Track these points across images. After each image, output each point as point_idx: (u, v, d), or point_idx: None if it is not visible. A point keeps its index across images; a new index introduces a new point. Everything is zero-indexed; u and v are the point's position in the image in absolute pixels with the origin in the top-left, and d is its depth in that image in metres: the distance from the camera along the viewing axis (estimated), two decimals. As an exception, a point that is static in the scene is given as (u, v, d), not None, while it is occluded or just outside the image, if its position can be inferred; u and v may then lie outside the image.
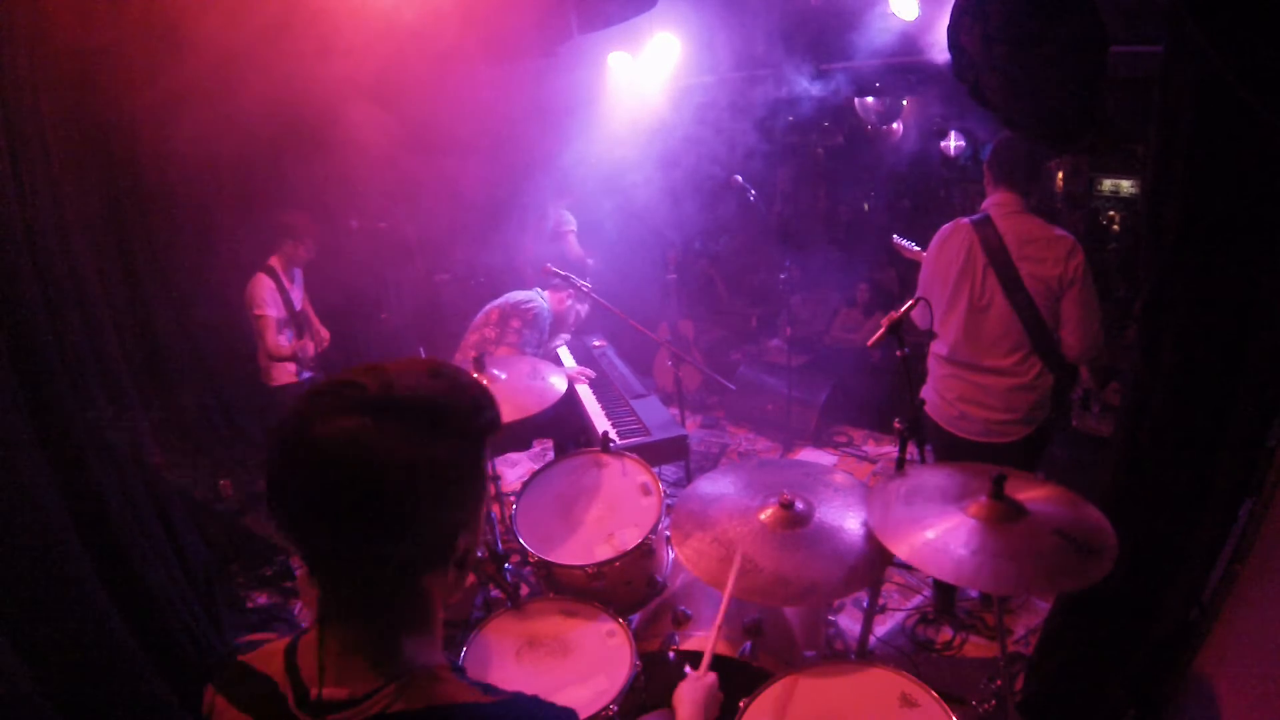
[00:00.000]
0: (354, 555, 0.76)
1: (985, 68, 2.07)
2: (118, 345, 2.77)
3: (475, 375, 2.46)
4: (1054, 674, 2.26)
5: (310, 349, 3.72)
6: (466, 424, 0.79)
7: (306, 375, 3.82)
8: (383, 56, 3.08)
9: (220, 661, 0.92)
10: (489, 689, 0.83)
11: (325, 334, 3.95)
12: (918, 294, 2.67)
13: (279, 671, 0.85)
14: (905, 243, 3.14)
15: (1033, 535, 1.52)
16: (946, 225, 2.68)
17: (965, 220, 2.60)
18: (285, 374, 3.71)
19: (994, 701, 2.18)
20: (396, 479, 0.72)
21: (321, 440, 0.72)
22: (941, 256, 2.66)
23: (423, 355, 4.69)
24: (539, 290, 3.64)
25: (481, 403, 0.82)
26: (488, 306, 3.60)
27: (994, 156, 2.59)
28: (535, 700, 0.84)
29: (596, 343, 4.38)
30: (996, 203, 2.55)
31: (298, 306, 3.77)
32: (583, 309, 3.74)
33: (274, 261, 3.68)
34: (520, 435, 3.42)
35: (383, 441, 0.72)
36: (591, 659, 1.86)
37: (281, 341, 3.64)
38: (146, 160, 3.52)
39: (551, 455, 3.85)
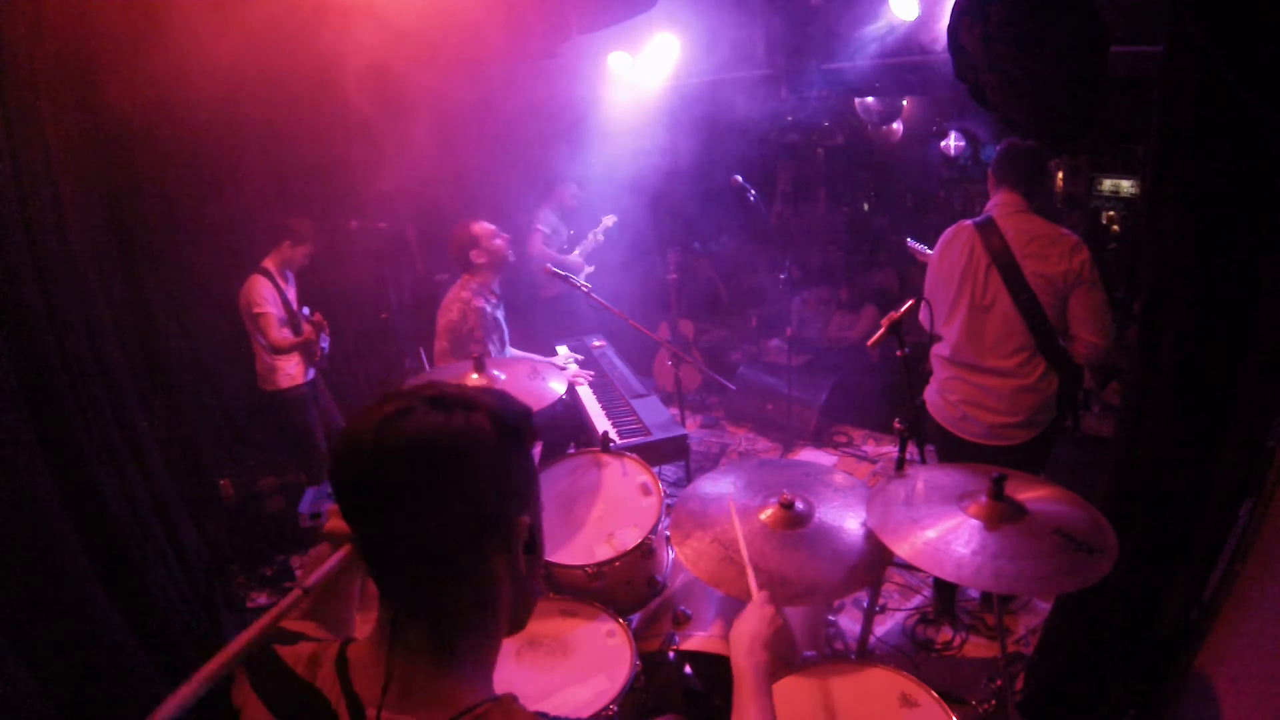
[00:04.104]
0: (407, 533, 0.78)
1: (985, 68, 2.07)
2: (118, 345, 2.77)
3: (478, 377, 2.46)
4: (1054, 674, 2.26)
5: (323, 342, 3.70)
6: (494, 417, 0.83)
7: (312, 374, 3.81)
8: (384, 57, 3.08)
9: (255, 650, 0.78)
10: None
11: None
12: (923, 297, 2.67)
13: (332, 685, 0.81)
14: (919, 246, 3.14)
15: (1033, 535, 1.52)
16: (950, 228, 2.68)
17: (968, 222, 2.60)
18: (288, 377, 3.69)
19: (994, 701, 2.18)
20: (434, 452, 0.78)
21: (380, 428, 0.78)
22: (945, 259, 2.66)
23: (422, 355, 4.69)
24: (460, 287, 3.20)
25: (513, 407, 0.88)
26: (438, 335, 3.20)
27: (998, 159, 2.60)
28: None
29: (596, 343, 4.38)
30: (999, 203, 2.56)
31: (294, 306, 3.78)
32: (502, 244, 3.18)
33: (269, 263, 3.67)
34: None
35: (426, 422, 0.78)
36: (591, 659, 1.86)
37: (286, 334, 3.63)
38: (146, 159, 3.53)
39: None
